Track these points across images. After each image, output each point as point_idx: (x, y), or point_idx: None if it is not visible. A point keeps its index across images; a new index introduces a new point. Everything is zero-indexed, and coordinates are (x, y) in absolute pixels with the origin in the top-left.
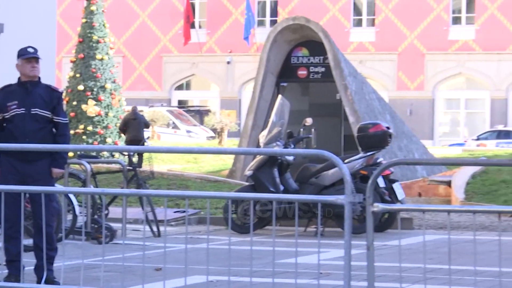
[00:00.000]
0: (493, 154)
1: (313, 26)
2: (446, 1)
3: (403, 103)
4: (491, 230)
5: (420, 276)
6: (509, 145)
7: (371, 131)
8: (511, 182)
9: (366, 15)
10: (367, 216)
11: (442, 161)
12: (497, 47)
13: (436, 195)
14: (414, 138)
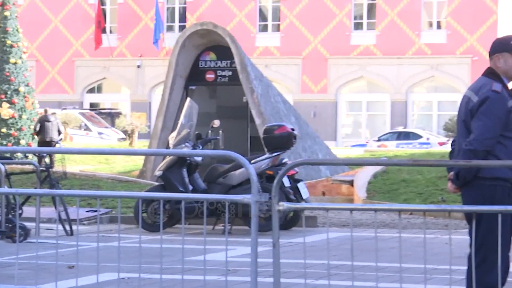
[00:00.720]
0: (393, 155)
1: (220, 31)
2: (348, 7)
3: (307, 105)
4: (391, 228)
5: (324, 272)
6: (408, 146)
7: (277, 133)
8: (410, 181)
9: (271, 21)
10: (273, 214)
11: (345, 161)
12: (397, 51)
13: (339, 194)
14: (318, 139)
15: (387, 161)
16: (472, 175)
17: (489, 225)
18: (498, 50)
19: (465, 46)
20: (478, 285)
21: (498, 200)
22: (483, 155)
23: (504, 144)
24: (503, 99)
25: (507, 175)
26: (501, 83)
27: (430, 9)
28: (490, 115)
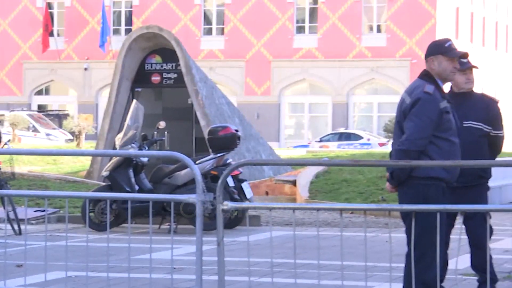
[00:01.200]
0: (335, 155)
1: (166, 35)
2: (291, 11)
3: (251, 107)
4: (333, 226)
5: (267, 270)
6: (349, 147)
7: (221, 134)
8: (352, 181)
9: (216, 24)
10: (217, 213)
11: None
12: (338, 54)
13: (282, 193)
14: (261, 140)
15: (329, 161)
16: (406, 175)
17: (424, 224)
18: (433, 52)
19: (404, 49)
20: (417, 282)
21: (432, 199)
22: (415, 155)
23: (437, 144)
24: (435, 100)
25: (440, 174)
26: (434, 84)
27: (371, 13)
28: (421, 116)
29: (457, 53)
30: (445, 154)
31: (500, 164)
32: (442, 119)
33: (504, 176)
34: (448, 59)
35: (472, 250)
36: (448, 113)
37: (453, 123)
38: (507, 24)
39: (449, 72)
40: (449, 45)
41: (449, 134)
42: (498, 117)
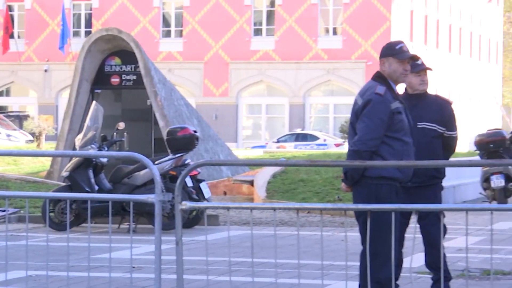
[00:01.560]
0: (292, 155)
1: (125, 37)
2: (248, 14)
3: (209, 108)
4: (290, 226)
5: (225, 269)
6: (306, 147)
7: (180, 135)
8: (308, 181)
9: (174, 27)
10: (176, 213)
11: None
12: (295, 56)
13: (240, 193)
14: (219, 140)
15: (286, 161)
16: (359, 175)
17: (378, 223)
18: (384, 54)
19: (360, 51)
20: (372, 280)
21: (384, 198)
22: (367, 155)
23: (390, 144)
24: (385, 101)
25: (393, 174)
26: (386, 86)
27: (327, 16)
28: (372, 117)
29: (406, 55)
30: (397, 154)
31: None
32: (394, 120)
33: (458, 176)
34: (398, 61)
35: (426, 248)
36: (400, 113)
37: (406, 124)
38: (460, 26)
39: (399, 74)
40: (400, 47)
41: (402, 134)
42: (451, 118)
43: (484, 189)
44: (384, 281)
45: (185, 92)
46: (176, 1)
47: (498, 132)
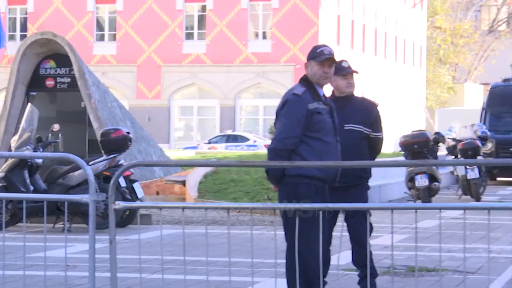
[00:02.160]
0: (222, 156)
1: (60, 41)
2: (180, 18)
3: (142, 110)
4: (221, 224)
5: (158, 267)
6: (237, 148)
7: (113, 136)
8: (239, 181)
9: (108, 31)
10: (110, 213)
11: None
12: (225, 60)
13: (173, 193)
14: (152, 142)
15: (217, 162)
16: (280, 173)
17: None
18: (308, 58)
19: (289, 55)
20: (300, 277)
21: (303, 196)
22: (284, 154)
23: (309, 144)
24: (302, 101)
25: (311, 173)
26: (307, 87)
27: (256, 21)
28: (289, 116)
29: (323, 57)
30: (316, 153)
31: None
32: (312, 120)
33: (383, 176)
34: (317, 64)
35: (353, 246)
36: (320, 114)
37: (327, 124)
38: (385, 31)
39: (319, 76)
40: (320, 50)
41: (322, 134)
42: (377, 120)
43: (409, 189)
44: (312, 279)
45: (118, 94)
46: (109, 6)
47: (422, 134)
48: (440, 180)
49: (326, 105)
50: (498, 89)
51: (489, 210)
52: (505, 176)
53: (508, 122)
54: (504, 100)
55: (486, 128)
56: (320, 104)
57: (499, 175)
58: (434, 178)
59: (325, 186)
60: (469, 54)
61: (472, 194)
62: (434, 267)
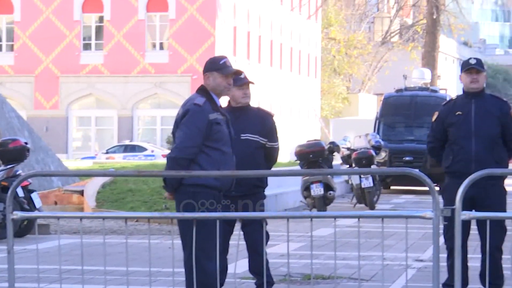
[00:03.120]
0: (120, 166)
1: None
2: (78, 29)
3: (40, 120)
4: (119, 234)
5: (56, 277)
6: (135, 158)
7: (11, 146)
8: (136, 190)
9: (6, 41)
10: (7, 223)
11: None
12: (123, 70)
13: (71, 203)
14: (50, 152)
15: (114, 172)
16: (178, 182)
17: (199, 230)
18: (209, 69)
19: (186, 65)
20: (198, 286)
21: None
22: (184, 163)
23: (207, 153)
24: (203, 111)
25: (209, 182)
26: (206, 98)
27: (154, 32)
28: (190, 125)
29: (230, 70)
30: (215, 163)
31: (275, 173)
32: (212, 130)
33: (279, 185)
34: (222, 76)
35: (250, 254)
36: (219, 124)
37: (225, 135)
38: (281, 42)
39: (223, 88)
40: (223, 62)
41: (221, 144)
42: (273, 129)
43: (305, 197)
44: (209, 286)
45: (16, 105)
46: (7, 16)
47: (317, 143)
48: (335, 189)
49: (224, 116)
50: (391, 99)
51: (382, 218)
52: (398, 184)
53: (401, 131)
54: (397, 110)
55: (379, 137)
56: (219, 115)
57: (392, 184)
58: (329, 187)
59: (221, 195)
60: (363, 65)
61: (367, 202)
62: (329, 274)
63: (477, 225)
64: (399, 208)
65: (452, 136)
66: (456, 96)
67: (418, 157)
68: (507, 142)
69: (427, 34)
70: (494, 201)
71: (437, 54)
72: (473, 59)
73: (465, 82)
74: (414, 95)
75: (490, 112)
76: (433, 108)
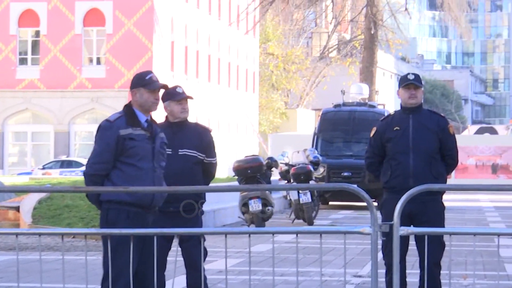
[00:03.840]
0: (57, 182)
1: None
2: (13, 43)
3: None
4: (55, 250)
5: None
6: (71, 174)
7: None
8: (73, 206)
9: None
10: None
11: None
12: (59, 85)
13: (6, 219)
14: None
15: (51, 188)
16: (95, 199)
17: (112, 247)
18: (135, 85)
19: (123, 80)
20: None
21: (112, 222)
22: (96, 179)
23: (121, 169)
24: (113, 127)
25: (120, 198)
26: (126, 114)
27: (90, 46)
28: (99, 141)
29: (157, 85)
30: (128, 179)
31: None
32: (125, 146)
33: (218, 201)
34: (149, 91)
35: (188, 271)
36: (133, 139)
37: (142, 150)
38: (219, 57)
39: (151, 104)
40: (149, 77)
41: (135, 160)
42: (211, 145)
43: (243, 213)
44: None
45: None
46: None
47: (255, 159)
48: (273, 205)
49: (146, 131)
50: (329, 114)
51: (321, 234)
52: (337, 200)
53: (339, 147)
54: (335, 125)
55: (318, 152)
56: (136, 130)
57: (331, 199)
58: (268, 202)
59: (141, 211)
60: (301, 80)
61: (305, 218)
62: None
63: (415, 240)
64: (338, 224)
65: (390, 151)
66: (394, 112)
67: (356, 173)
68: (445, 157)
69: (365, 49)
70: (432, 217)
71: (375, 69)
72: (411, 74)
73: (403, 97)
74: (352, 110)
75: (427, 127)
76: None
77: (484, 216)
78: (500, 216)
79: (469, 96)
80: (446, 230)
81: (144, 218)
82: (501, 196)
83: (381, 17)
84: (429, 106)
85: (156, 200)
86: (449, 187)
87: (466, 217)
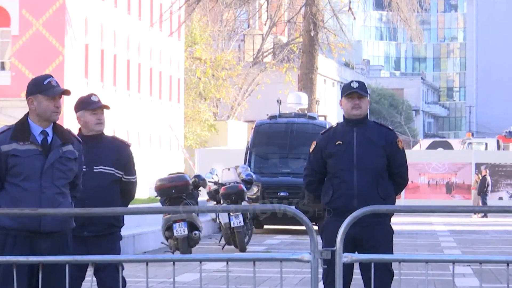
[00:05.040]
0: None
1: None
2: None
3: None
4: None
5: None
6: None
7: None
8: None
9: None
10: None
11: None
12: None
13: None
14: None
15: None
16: None
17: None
18: (32, 92)
19: None
20: None
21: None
22: None
23: (6, 190)
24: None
25: (3, 223)
26: (16, 126)
27: None
28: None
29: (57, 91)
30: (11, 201)
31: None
32: (8, 164)
33: (138, 224)
34: (48, 99)
35: None
36: (17, 156)
37: (27, 168)
38: (139, 62)
39: (51, 113)
40: (48, 82)
41: (20, 180)
42: (130, 161)
43: (166, 238)
44: None
45: None
46: None
47: (180, 177)
48: (200, 229)
49: (38, 146)
50: (264, 127)
51: (254, 262)
52: (272, 223)
53: (275, 163)
54: (270, 139)
55: (251, 170)
56: (23, 145)
57: (266, 223)
58: (194, 226)
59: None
60: (232, 88)
61: (236, 244)
62: None
63: (360, 268)
64: (273, 250)
65: (332, 168)
66: (336, 124)
67: (294, 192)
68: (394, 175)
69: (304, 53)
70: (379, 242)
71: (315, 76)
72: (355, 82)
73: (346, 108)
74: (290, 123)
75: (374, 142)
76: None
77: (438, 241)
78: (455, 241)
79: (421, 106)
80: (395, 257)
81: (36, 245)
82: (457, 219)
83: (321, 18)
84: (375, 117)
85: (44, 225)
86: (398, 208)
87: (418, 242)
